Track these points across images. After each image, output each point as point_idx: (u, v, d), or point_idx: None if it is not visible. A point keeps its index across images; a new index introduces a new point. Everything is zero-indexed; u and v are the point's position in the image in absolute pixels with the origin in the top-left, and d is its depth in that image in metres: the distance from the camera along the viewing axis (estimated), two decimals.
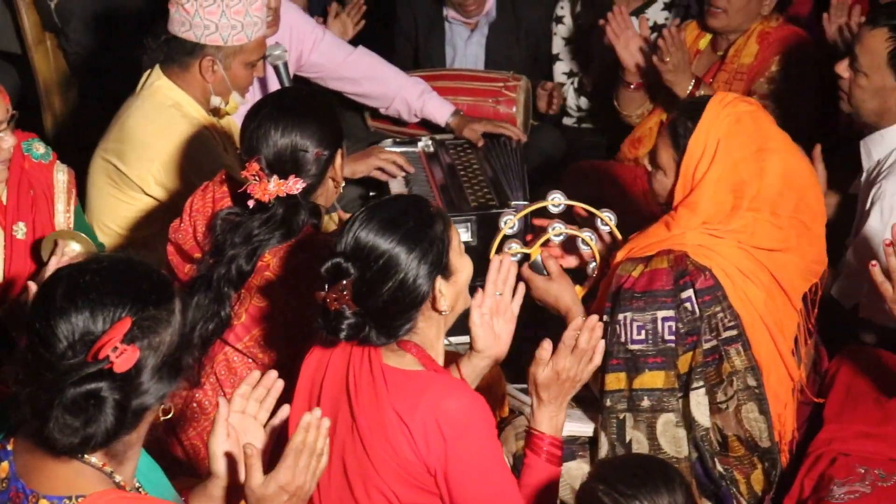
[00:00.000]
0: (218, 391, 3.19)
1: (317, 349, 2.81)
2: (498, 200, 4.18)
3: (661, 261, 3.10)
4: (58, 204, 3.51)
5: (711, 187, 3.11)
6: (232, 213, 3.18)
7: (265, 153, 3.13)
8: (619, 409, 3.11)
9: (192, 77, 3.86)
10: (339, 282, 2.62)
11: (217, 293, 3.11)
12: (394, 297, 2.64)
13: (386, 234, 2.65)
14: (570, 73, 5.23)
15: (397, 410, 2.64)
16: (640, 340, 3.09)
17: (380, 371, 2.68)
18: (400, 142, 4.74)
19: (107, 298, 2.12)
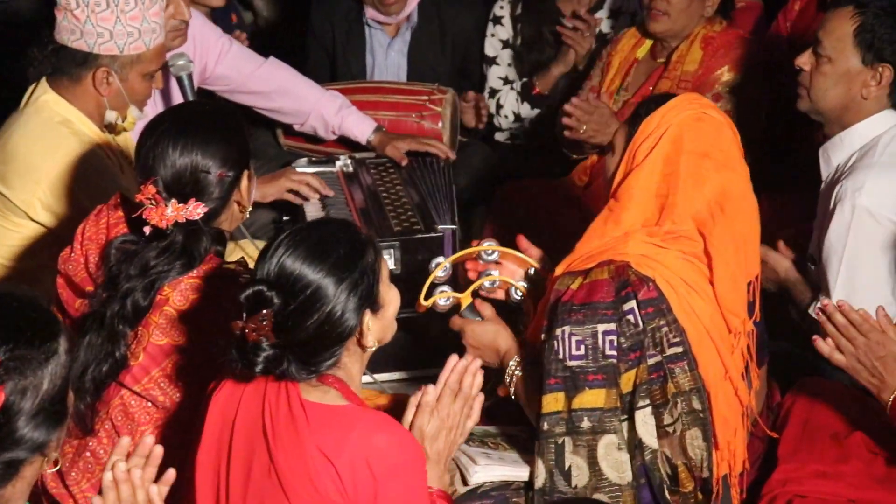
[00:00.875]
0: (114, 439, 3.10)
1: (226, 386, 2.77)
2: (423, 225, 4.16)
3: (601, 272, 3.09)
4: None
5: (645, 175, 3.12)
6: (127, 242, 3.11)
7: (162, 174, 3.06)
8: (558, 433, 3.08)
9: (83, 90, 3.78)
10: (259, 311, 2.59)
11: (111, 331, 3.04)
12: (319, 331, 2.63)
13: (314, 262, 2.64)
14: (506, 80, 5.20)
15: (322, 448, 2.61)
16: (579, 356, 3.07)
17: (299, 407, 2.65)
18: (316, 161, 4.73)
19: None
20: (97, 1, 3.65)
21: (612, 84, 4.71)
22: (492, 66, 5.25)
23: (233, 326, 2.60)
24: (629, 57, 4.67)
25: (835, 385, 3.58)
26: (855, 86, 3.73)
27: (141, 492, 2.43)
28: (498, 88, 5.22)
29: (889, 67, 3.70)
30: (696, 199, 3.11)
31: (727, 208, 3.12)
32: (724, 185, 3.13)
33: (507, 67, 5.24)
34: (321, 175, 4.53)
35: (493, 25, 5.24)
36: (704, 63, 4.50)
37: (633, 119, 3.21)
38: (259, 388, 2.70)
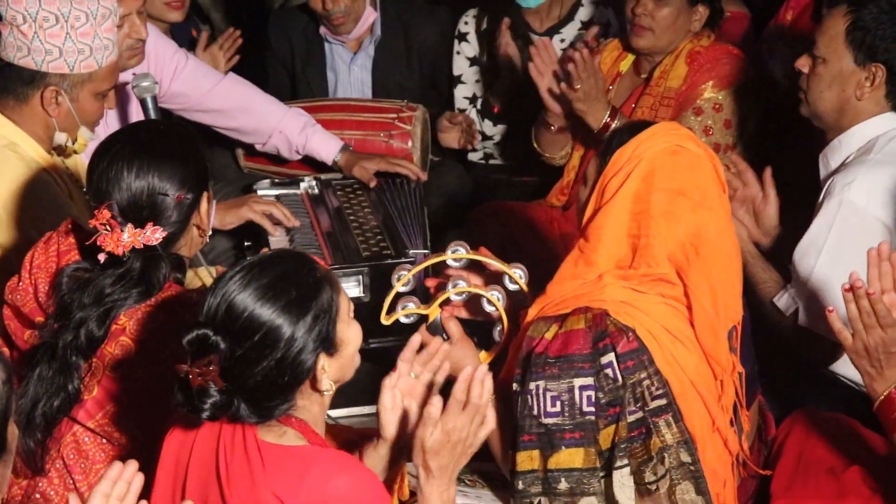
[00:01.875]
0: (66, 478, 3.13)
1: (179, 428, 2.79)
2: (394, 249, 4.18)
3: (577, 320, 3.09)
4: None
5: (615, 213, 3.11)
6: (80, 269, 3.13)
7: (117, 198, 3.09)
8: (533, 493, 3.09)
9: (31, 111, 3.78)
10: (204, 356, 2.60)
11: (63, 363, 3.05)
12: (270, 377, 2.64)
13: (265, 302, 2.63)
14: (472, 98, 5.23)
15: (277, 493, 2.62)
16: (554, 413, 3.07)
17: (255, 448, 2.66)
18: (279, 183, 4.74)
19: None
20: (45, 16, 3.65)
21: None
22: (458, 84, 5.27)
23: (177, 370, 2.61)
24: (612, 70, 4.69)
25: (830, 417, 3.60)
26: (849, 87, 3.81)
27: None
28: (464, 108, 5.24)
29: (882, 67, 3.77)
30: (670, 240, 3.10)
31: (702, 251, 3.10)
32: (698, 226, 3.11)
33: (475, 84, 5.26)
34: (285, 197, 4.56)
35: (458, 42, 5.27)
36: (689, 79, 4.51)
37: (605, 150, 3.19)
38: (214, 428, 2.72)
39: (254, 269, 2.67)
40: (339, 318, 2.72)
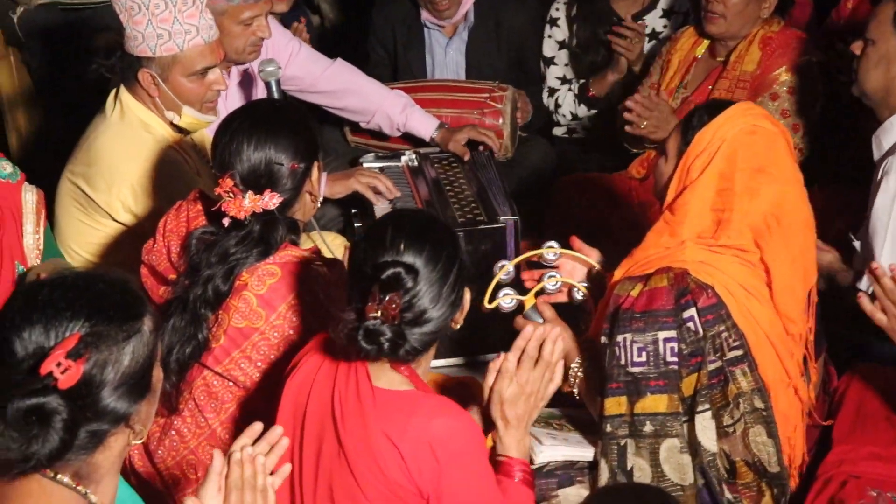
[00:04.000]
0: (197, 417, 3.20)
1: (300, 370, 2.82)
2: (486, 215, 4.17)
3: (660, 279, 3.10)
4: (26, 225, 3.53)
5: (700, 191, 3.14)
6: (207, 233, 3.19)
7: (239, 168, 3.14)
8: (621, 435, 3.10)
9: (144, 93, 3.84)
10: (390, 294, 2.63)
11: (193, 315, 3.12)
12: (429, 313, 2.68)
13: (427, 250, 2.68)
14: (564, 79, 5.23)
15: (386, 433, 2.66)
16: (640, 363, 3.08)
17: (368, 392, 2.70)
18: (382, 156, 4.75)
19: (61, 314, 2.17)
20: (131, 6, 3.71)
21: (672, 82, 4.71)
22: (550, 66, 5.28)
23: (367, 310, 2.62)
24: (689, 55, 4.68)
25: (888, 371, 3.58)
26: (894, 67, 3.78)
27: (261, 477, 2.46)
28: (556, 88, 5.25)
29: None
30: (752, 213, 3.12)
31: (783, 221, 3.13)
32: (778, 198, 3.14)
33: (565, 67, 5.26)
34: (387, 170, 4.58)
35: (549, 27, 5.27)
36: (763, 63, 4.49)
37: (686, 128, 3.21)
38: (330, 373, 2.75)
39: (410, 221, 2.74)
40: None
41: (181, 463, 3.20)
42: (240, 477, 2.44)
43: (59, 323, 2.15)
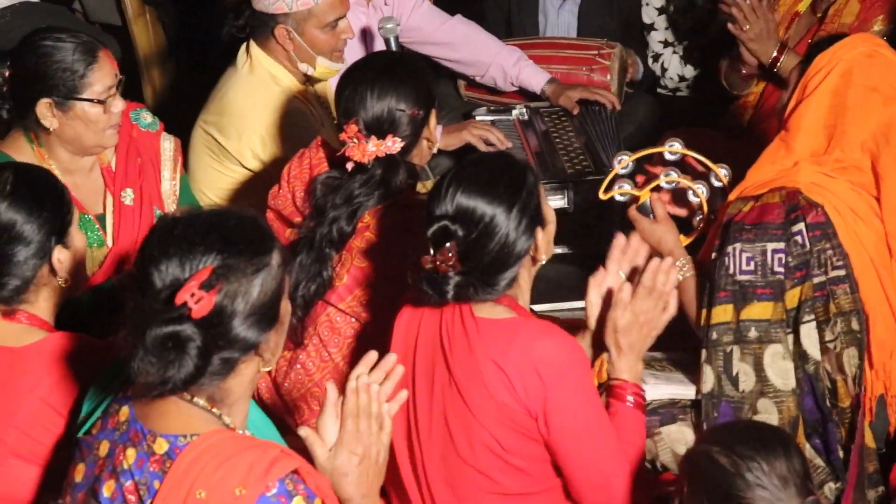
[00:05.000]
0: (321, 352, 3.26)
1: (408, 309, 2.87)
2: (594, 167, 4.20)
3: (772, 196, 3.14)
4: (164, 171, 3.61)
5: (814, 107, 3.15)
6: (331, 177, 3.25)
7: (362, 115, 3.19)
8: (726, 342, 3.12)
9: (276, 47, 3.95)
10: (444, 245, 2.66)
11: (319, 254, 3.18)
12: (499, 255, 2.70)
13: (485, 194, 2.70)
14: (666, 43, 5.20)
15: (492, 358, 2.70)
16: (748, 272, 3.10)
17: (472, 322, 2.73)
18: (494, 110, 4.76)
19: (194, 248, 2.21)
20: None
21: None
22: (651, 32, 5.23)
23: (422, 262, 2.68)
24: (790, 10, 4.61)
25: None
26: None
27: (375, 404, 2.48)
28: (660, 52, 5.21)
29: None
30: (863, 130, 3.12)
31: (892, 139, 3.12)
32: (890, 118, 3.14)
33: (666, 31, 5.21)
34: (499, 123, 4.60)
35: None
36: (861, 15, 4.41)
37: (807, 57, 3.24)
38: (436, 309, 2.79)
39: (469, 169, 2.75)
40: (542, 198, 2.79)
41: (305, 395, 3.27)
42: (356, 405, 2.46)
43: (193, 256, 2.20)
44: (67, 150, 3.41)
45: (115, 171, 3.52)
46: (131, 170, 3.53)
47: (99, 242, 3.46)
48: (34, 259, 2.76)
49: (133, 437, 2.26)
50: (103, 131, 3.38)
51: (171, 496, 2.18)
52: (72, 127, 3.35)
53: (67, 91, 3.31)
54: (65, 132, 3.36)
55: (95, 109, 3.34)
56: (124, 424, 2.29)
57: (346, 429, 2.46)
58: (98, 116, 3.34)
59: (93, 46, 3.35)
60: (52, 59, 3.29)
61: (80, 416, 2.51)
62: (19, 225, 2.73)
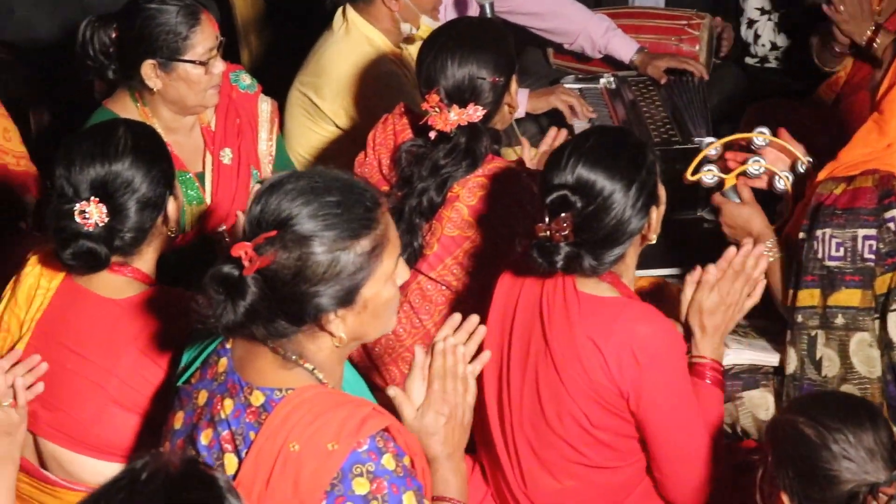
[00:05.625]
0: (412, 318, 3.27)
1: (508, 275, 2.84)
2: (681, 137, 4.16)
3: (865, 180, 3.05)
4: (261, 132, 3.62)
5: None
6: (415, 145, 3.24)
7: (444, 84, 3.16)
8: (811, 326, 3.06)
9: (377, 9, 3.96)
10: (561, 214, 2.62)
11: (409, 224, 3.18)
12: (613, 231, 2.66)
13: (607, 168, 2.65)
14: (763, 10, 5.13)
15: (591, 336, 2.68)
16: (837, 257, 3.04)
17: (574, 297, 2.71)
18: (582, 78, 4.72)
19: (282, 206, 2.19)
20: None
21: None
22: None
23: (536, 229, 2.63)
24: None
25: None
26: None
27: (461, 366, 2.48)
28: (756, 19, 5.14)
29: None
30: None
31: None
32: None
33: None
34: (586, 91, 4.56)
35: None
36: None
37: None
38: (538, 279, 2.76)
39: (591, 140, 2.71)
40: (659, 177, 2.75)
41: (396, 359, 3.28)
42: (442, 366, 2.46)
43: (277, 214, 2.19)
44: (170, 109, 3.43)
45: (215, 130, 3.53)
46: (230, 130, 3.54)
47: (198, 200, 3.49)
48: (152, 211, 2.79)
49: (231, 388, 2.28)
50: (204, 91, 3.39)
51: (265, 447, 2.19)
52: (174, 87, 3.37)
53: (170, 53, 3.33)
54: (168, 92, 3.39)
55: (197, 70, 3.36)
56: (222, 375, 2.31)
57: (433, 389, 2.46)
58: (200, 77, 3.36)
59: (195, 9, 3.37)
60: (157, 21, 3.32)
61: (180, 366, 2.53)
62: (139, 179, 2.76)
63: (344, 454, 2.17)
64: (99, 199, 2.71)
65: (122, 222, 2.74)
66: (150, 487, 1.57)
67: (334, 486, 2.16)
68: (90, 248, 2.70)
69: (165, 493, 1.57)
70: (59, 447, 2.81)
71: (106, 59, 3.40)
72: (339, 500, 2.16)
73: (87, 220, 2.71)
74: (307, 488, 2.16)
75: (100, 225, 2.71)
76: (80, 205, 2.70)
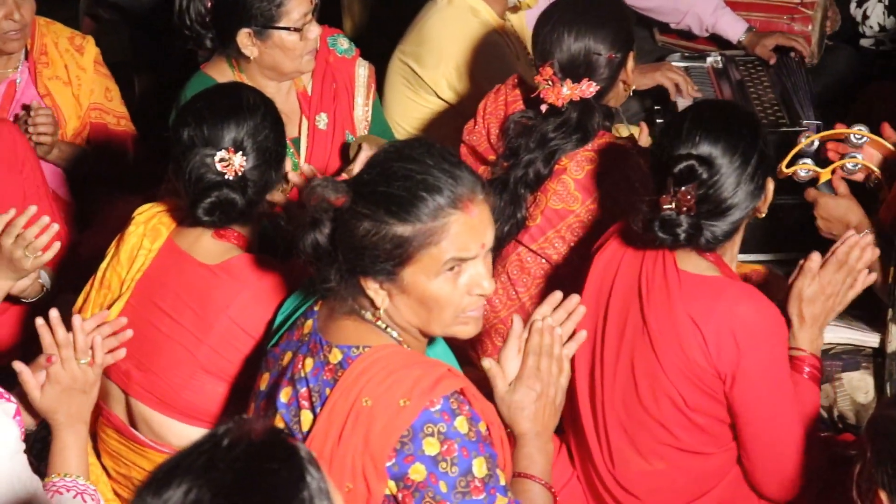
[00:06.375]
0: (509, 290, 3.22)
1: (609, 248, 2.79)
2: (789, 119, 4.04)
3: None
4: (357, 97, 3.59)
5: None
6: (525, 117, 3.18)
7: (558, 57, 3.10)
8: None
9: None
10: (685, 185, 2.56)
11: (513, 195, 3.12)
12: (731, 205, 2.60)
13: (728, 141, 2.60)
14: None
15: (691, 315, 2.61)
16: None
17: (674, 274, 2.64)
18: (688, 56, 4.61)
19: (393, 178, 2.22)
20: None
21: None
22: None
23: (661, 201, 2.57)
24: None
25: None
26: None
27: (557, 347, 2.45)
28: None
29: None
30: None
31: None
32: None
33: None
34: (692, 69, 4.44)
35: None
36: None
37: None
38: (637, 255, 2.70)
39: (711, 112, 2.66)
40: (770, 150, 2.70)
41: (490, 330, 3.23)
42: (539, 343, 2.43)
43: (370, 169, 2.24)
44: (266, 76, 3.41)
45: (311, 95, 3.51)
46: (326, 95, 3.51)
47: (293, 165, 3.45)
48: (276, 166, 2.81)
49: (312, 348, 2.28)
50: (300, 57, 3.36)
51: (339, 403, 2.19)
52: (270, 55, 3.34)
53: (265, 20, 3.30)
54: (264, 60, 3.36)
55: (292, 37, 3.32)
56: (307, 336, 2.32)
57: (528, 365, 2.42)
58: (295, 44, 3.33)
59: None
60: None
61: (272, 329, 2.54)
62: (266, 134, 2.76)
63: (415, 411, 2.15)
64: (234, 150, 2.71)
65: (251, 174, 2.74)
66: (230, 454, 1.55)
67: (404, 445, 2.15)
68: (230, 198, 2.70)
69: (246, 460, 1.54)
70: (148, 409, 2.81)
71: (202, 29, 3.39)
72: (408, 459, 2.15)
73: (228, 168, 2.70)
74: (377, 444, 2.15)
75: (238, 174, 2.70)
76: (220, 153, 2.70)
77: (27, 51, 3.65)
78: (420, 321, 2.27)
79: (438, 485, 2.14)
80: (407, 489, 2.15)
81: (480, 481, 2.16)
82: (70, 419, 2.48)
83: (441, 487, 2.14)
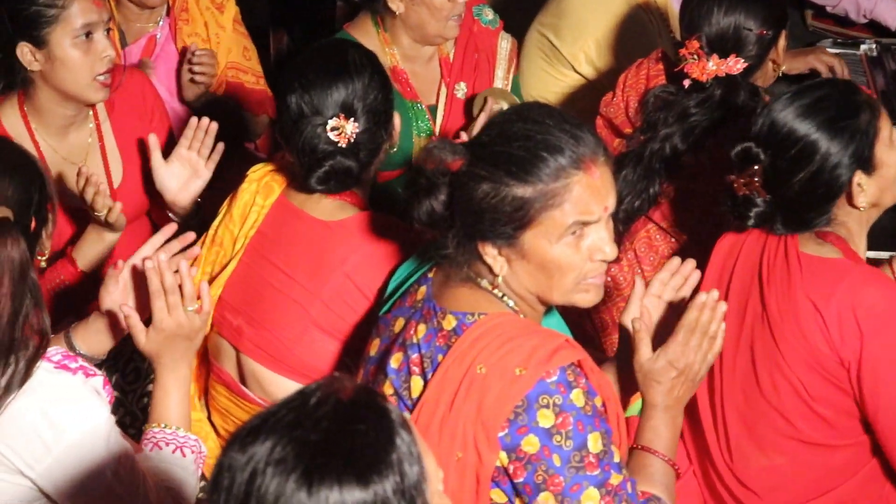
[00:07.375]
0: (634, 267, 3.12)
1: (730, 234, 2.67)
2: None
3: None
4: (498, 70, 3.51)
5: None
6: (665, 92, 3.06)
7: (706, 31, 2.97)
8: None
9: None
10: (749, 167, 2.46)
11: (647, 169, 3.01)
12: (806, 188, 2.46)
13: (805, 119, 2.46)
14: None
15: (811, 298, 2.47)
16: None
17: (795, 258, 2.51)
18: (840, 43, 4.41)
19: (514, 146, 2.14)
20: None
21: None
22: None
23: (727, 180, 2.50)
24: None
25: None
26: None
27: (715, 324, 2.33)
28: None
29: None
30: None
31: None
32: None
33: None
34: (844, 57, 4.21)
35: None
36: None
37: None
38: (760, 239, 2.59)
39: (799, 92, 2.51)
40: (879, 140, 2.48)
41: (611, 307, 3.12)
42: (695, 319, 2.30)
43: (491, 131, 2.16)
44: (410, 36, 3.34)
45: (453, 63, 3.44)
46: (468, 64, 3.44)
47: (428, 132, 3.40)
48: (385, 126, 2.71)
49: (425, 314, 2.21)
50: (446, 20, 3.29)
51: (452, 369, 2.12)
52: (417, 13, 3.27)
53: None
54: (410, 17, 3.29)
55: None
56: (420, 302, 2.25)
57: (677, 340, 2.30)
58: (443, 4, 3.26)
59: None
60: None
61: (385, 295, 2.47)
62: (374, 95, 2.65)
63: (531, 381, 2.07)
64: (345, 116, 2.61)
65: (362, 138, 2.63)
66: (317, 412, 1.48)
67: (518, 415, 2.06)
68: (345, 165, 2.61)
69: (333, 419, 1.48)
70: (259, 365, 2.74)
71: None
72: (521, 430, 2.06)
73: (340, 136, 2.60)
74: (490, 412, 2.07)
75: (351, 140, 2.61)
76: (332, 122, 2.60)
77: (169, 7, 3.61)
78: (540, 288, 2.17)
79: (552, 458, 2.06)
80: (519, 461, 2.07)
81: (595, 457, 2.07)
82: (175, 363, 2.41)
83: (554, 461, 2.06)
